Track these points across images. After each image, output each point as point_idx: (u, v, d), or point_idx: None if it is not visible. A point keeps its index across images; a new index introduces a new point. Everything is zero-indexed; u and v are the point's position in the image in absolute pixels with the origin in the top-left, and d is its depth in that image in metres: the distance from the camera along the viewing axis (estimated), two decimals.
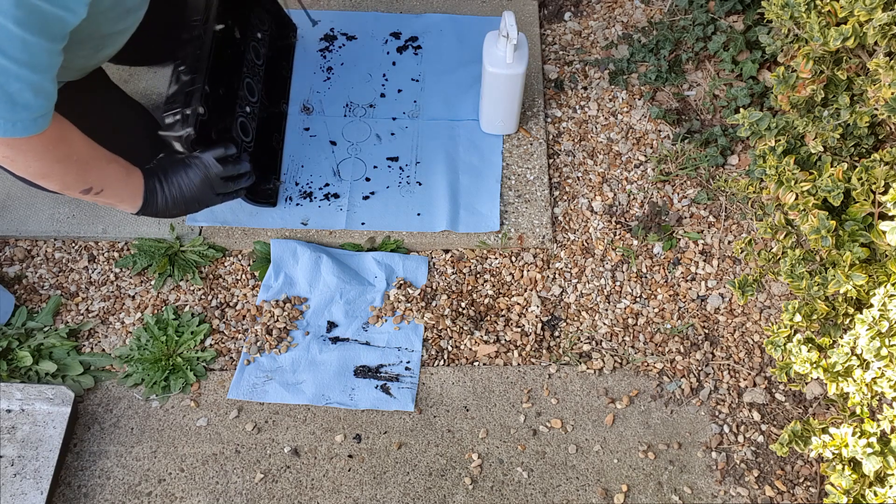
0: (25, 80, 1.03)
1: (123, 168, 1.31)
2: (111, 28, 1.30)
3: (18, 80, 1.02)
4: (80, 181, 1.24)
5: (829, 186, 1.02)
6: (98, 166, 1.26)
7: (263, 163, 1.58)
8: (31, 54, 1.02)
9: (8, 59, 1.00)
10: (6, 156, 1.13)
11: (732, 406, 1.39)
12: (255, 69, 1.62)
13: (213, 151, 1.37)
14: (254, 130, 1.56)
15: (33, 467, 1.27)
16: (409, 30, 1.88)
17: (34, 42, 1.01)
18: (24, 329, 1.44)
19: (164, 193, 1.36)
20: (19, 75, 1.02)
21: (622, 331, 1.47)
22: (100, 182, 1.27)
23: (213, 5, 1.46)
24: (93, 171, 1.25)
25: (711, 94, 1.76)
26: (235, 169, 1.41)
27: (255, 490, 1.29)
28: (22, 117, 1.06)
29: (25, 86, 1.03)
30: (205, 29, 1.44)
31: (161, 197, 1.35)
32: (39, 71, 1.05)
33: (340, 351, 1.43)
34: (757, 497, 1.30)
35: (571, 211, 1.61)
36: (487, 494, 1.30)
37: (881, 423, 0.97)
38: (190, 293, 1.51)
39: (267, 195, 1.57)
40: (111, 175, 1.28)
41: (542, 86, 1.79)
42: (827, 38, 1.02)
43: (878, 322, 0.94)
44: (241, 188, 1.45)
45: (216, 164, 1.37)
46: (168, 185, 1.36)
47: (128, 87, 1.73)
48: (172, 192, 1.36)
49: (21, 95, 1.04)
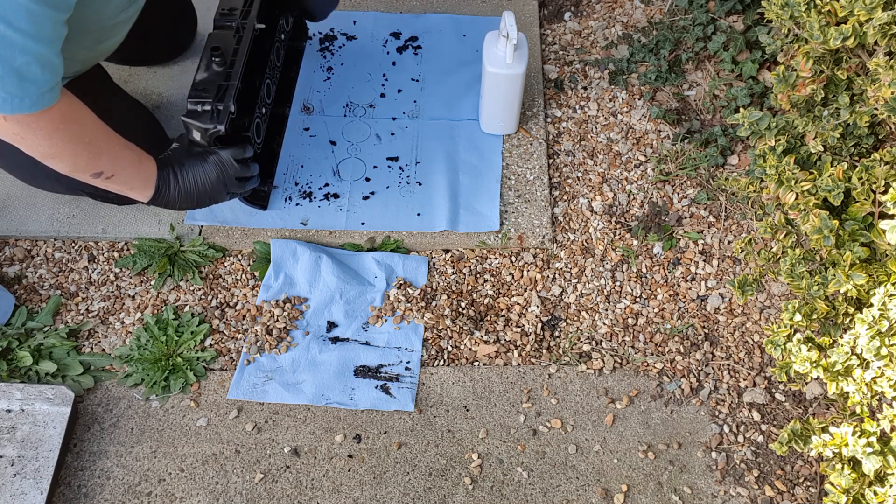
0: (32, 53, 1.01)
1: (136, 155, 1.29)
2: (113, 19, 1.29)
3: (24, 52, 1.00)
4: (91, 164, 1.22)
5: (830, 186, 1.02)
6: (110, 150, 1.24)
7: (262, 165, 1.58)
8: (36, 25, 1.00)
9: (13, 29, 0.98)
10: (16, 133, 1.11)
11: (732, 406, 1.39)
12: (275, 71, 1.62)
13: (232, 150, 1.37)
14: (264, 132, 1.57)
15: (33, 467, 1.27)
16: (409, 30, 1.88)
17: (39, 11, 0.99)
18: (24, 329, 1.44)
19: (178, 184, 1.35)
20: (25, 47, 1.00)
21: (622, 331, 1.47)
22: (111, 167, 1.25)
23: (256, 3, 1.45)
24: (104, 154, 1.23)
25: (711, 94, 1.76)
26: (249, 171, 1.41)
27: (255, 490, 1.29)
28: (30, 92, 1.04)
29: (32, 58, 1.01)
30: (244, 24, 1.43)
31: (174, 187, 1.35)
32: (45, 43, 1.03)
33: (340, 351, 1.43)
34: (757, 497, 1.30)
35: (571, 211, 1.61)
36: (487, 494, 1.29)
37: (881, 422, 0.97)
38: (190, 293, 1.51)
39: (261, 197, 1.57)
40: (123, 160, 1.27)
41: (542, 86, 1.79)
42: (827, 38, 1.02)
43: (878, 321, 0.94)
44: (248, 189, 1.45)
45: (234, 163, 1.37)
46: (182, 176, 1.35)
47: (128, 87, 1.73)
48: (186, 183, 1.35)
49: (28, 69, 1.02)
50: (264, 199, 1.58)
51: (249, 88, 1.50)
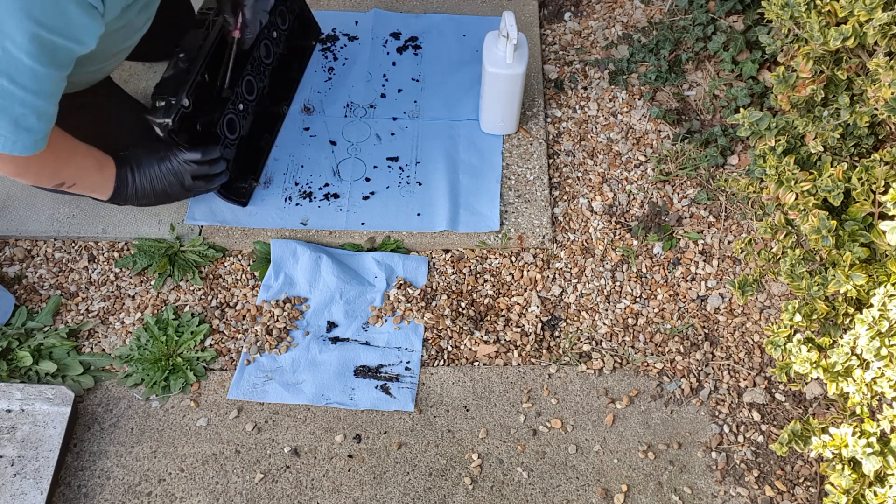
0: (31, 106, 1.07)
1: (96, 160, 1.34)
2: (118, 47, 1.35)
3: (24, 105, 1.06)
4: (54, 177, 1.28)
5: (829, 186, 1.02)
6: (74, 162, 1.30)
7: (244, 161, 1.57)
8: (39, 83, 1.06)
9: (16, 85, 1.03)
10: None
11: (732, 406, 1.39)
12: (261, 67, 1.62)
13: (191, 154, 1.39)
14: (243, 129, 1.56)
15: (33, 467, 1.27)
16: (409, 30, 1.88)
17: (43, 72, 1.05)
18: (24, 329, 1.44)
19: (135, 183, 1.39)
20: (25, 101, 1.06)
21: (622, 331, 1.47)
22: (73, 177, 1.30)
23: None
24: (69, 167, 1.29)
25: (711, 94, 1.76)
26: (210, 170, 1.43)
27: (255, 490, 1.29)
28: (23, 138, 1.10)
29: (30, 111, 1.07)
30: (214, 21, 1.44)
31: (131, 186, 1.39)
32: (45, 97, 1.09)
33: (340, 351, 1.43)
34: (757, 497, 1.30)
35: (571, 211, 1.61)
36: (487, 494, 1.30)
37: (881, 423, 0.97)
38: (190, 293, 1.51)
39: (240, 193, 1.57)
40: (85, 169, 1.32)
41: (542, 86, 1.79)
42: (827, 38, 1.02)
43: (878, 322, 0.94)
44: (213, 187, 1.47)
45: (190, 164, 1.40)
46: (140, 175, 1.39)
47: (128, 87, 1.73)
48: (143, 182, 1.39)
49: (25, 119, 1.08)
50: (245, 195, 1.57)
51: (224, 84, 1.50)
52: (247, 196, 1.58)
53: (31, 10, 0.97)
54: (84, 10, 1.04)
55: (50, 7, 0.99)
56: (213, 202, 1.56)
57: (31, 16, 0.97)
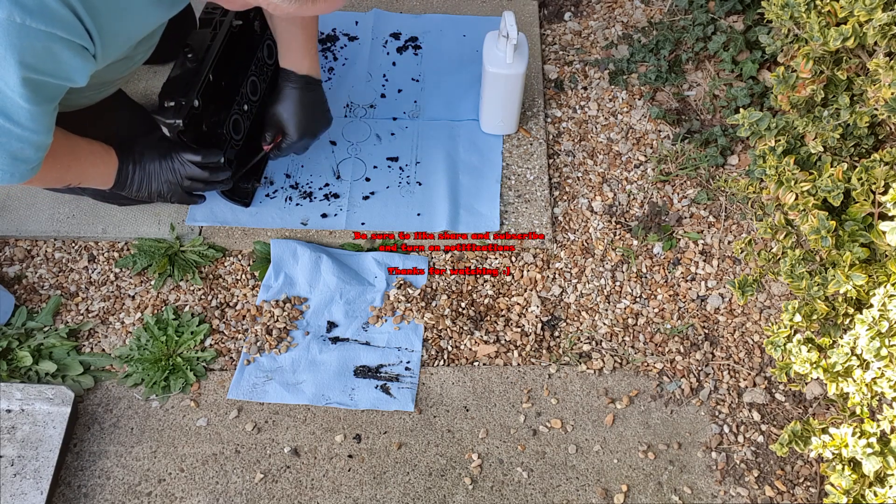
0: (27, 141, 1.11)
1: (99, 156, 1.36)
2: (117, 75, 1.38)
3: (21, 140, 1.10)
4: (60, 181, 1.33)
5: (829, 186, 1.02)
6: (77, 164, 1.32)
7: (247, 162, 1.57)
8: (35, 121, 1.09)
9: (13, 123, 1.07)
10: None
11: (732, 406, 1.39)
12: (265, 68, 1.62)
13: (195, 153, 1.40)
14: (246, 129, 1.56)
15: (33, 467, 1.27)
16: (409, 30, 1.88)
17: (38, 110, 1.08)
18: (24, 329, 1.44)
19: (135, 177, 1.41)
20: (21, 136, 1.10)
21: (622, 331, 1.47)
22: (78, 177, 1.34)
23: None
24: (72, 170, 1.32)
25: (711, 94, 1.76)
26: (213, 176, 1.43)
27: (255, 490, 1.29)
28: (20, 168, 1.14)
29: (27, 145, 1.12)
30: (222, 21, 1.45)
31: (131, 180, 1.41)
32: (41, 132, 1.12)
33: (340, 351, 1.43)
34: (757, 497, 1.30)
35: (571, 211, 1.61)
36: (487, 494, 1.30)
37: (881, 423, 0.97)
38: (190, 293, 1.51)
39: (242, 194, 1.57)
40: (89, 167, 1.35)
41: (542, 86, 1.79)
42: (827, 38, 1.02)
43: (878, 322, 0.94)
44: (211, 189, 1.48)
45: (193, 165, 1.40)
46: (140, 168, 1.41)
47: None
48: (143, 178, 1.41)
49: (22, 152, 1.12)
50: (247, 195, 1.58)
51: (229, 84, 1.50)
52: (249, 196, 1.58)
53: (23, 57, 0.99)
54: (76, 53, 1.06)
55: (42, 53, 1.01)
56: (214, 203, 1.56)
57: (23, 62, 0.99)
